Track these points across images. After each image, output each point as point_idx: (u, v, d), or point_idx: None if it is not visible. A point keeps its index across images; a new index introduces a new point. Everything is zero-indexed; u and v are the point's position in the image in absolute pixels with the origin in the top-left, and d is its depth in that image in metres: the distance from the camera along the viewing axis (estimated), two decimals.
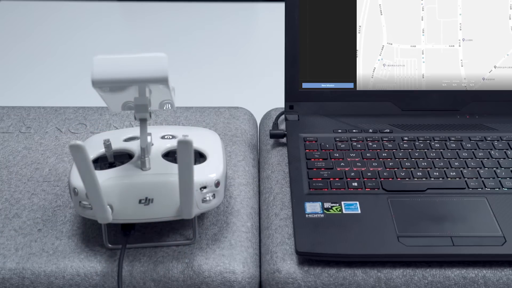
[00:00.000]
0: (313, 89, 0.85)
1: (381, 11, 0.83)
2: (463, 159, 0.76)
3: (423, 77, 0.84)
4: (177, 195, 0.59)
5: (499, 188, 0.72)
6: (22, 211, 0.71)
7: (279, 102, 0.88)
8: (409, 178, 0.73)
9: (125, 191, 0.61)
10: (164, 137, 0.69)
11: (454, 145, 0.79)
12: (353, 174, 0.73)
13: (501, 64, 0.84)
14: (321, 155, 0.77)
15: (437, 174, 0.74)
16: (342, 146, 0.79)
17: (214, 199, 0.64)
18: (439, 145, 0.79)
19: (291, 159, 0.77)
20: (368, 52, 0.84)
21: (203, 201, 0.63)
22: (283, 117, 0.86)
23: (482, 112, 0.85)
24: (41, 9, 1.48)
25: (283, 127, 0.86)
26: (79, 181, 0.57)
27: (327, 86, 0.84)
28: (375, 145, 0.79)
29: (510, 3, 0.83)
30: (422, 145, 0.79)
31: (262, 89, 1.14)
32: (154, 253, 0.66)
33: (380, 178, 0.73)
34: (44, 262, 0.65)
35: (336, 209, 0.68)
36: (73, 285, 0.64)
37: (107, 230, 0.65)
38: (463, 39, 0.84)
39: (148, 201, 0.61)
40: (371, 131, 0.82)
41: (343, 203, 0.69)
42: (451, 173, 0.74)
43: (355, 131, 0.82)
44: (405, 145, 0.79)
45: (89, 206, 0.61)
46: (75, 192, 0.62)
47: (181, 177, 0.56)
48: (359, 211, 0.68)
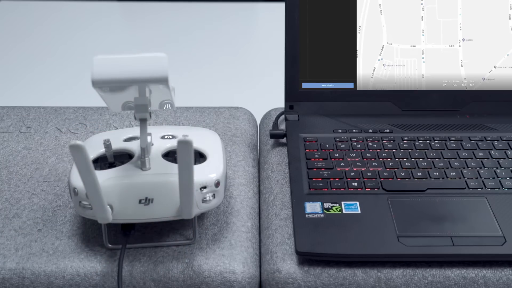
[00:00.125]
0: (313, 89, 0.84)
1: (381, 11, 0.83)
2: (463, 159, 0.76)
3: (423, 77, 0.84)
4: (177, 195, 0.59)
5: (499, 188, 0.72)
6: (22, 211, 0.71)
7: (279, 102, 0.88)
8: (409, 178, 0.73)
9: (125, 191, 0.61)
10: (164, 137, 0.69)
11: (454, 145, 0.79)
12: (353, 174, 0.73)
13: (501, 64, 0.84)
14: (321, 155, 0.77)
15: (437, 174, 0.73)
16: (342, 146, 0.79)
17: (214, 199, 0.64)
18: (439, 145, 0.79)
19: (291, 159, 0.77)
20: (368, 52, 0.84)
21: (203, 201, 0.63)
22: (283, 117, 0.86)
23: (482, 112, 0.85)
24: (41, 9, 1.48)
25: (283, 127, 0.86)
26: (79, 181, 0.57)
27: (327, 86, 0.84)
28: (375, 145, 0.79)
29: (510, 3, 0.83)
30: (422, 145, 0.79)
31: (262, 89, 1.14)
32: (154, 253, 0.66)
33: (380, 178, 0.73)
34: (44, 262, 0.65)
35: (336, 209, 0.68)
36: (73, 285, 0.64)
37: (107, 230, 0.65)
38: (463, 39, 0.84)
39: (148, 201, 0.61)
40: (371, 131, 0.82)
41: (343, 203, 0.69)
42: (451, 173, 0.74)
43: (355, 131, 0.82)
44: (405, 145, 0.79)
45: (89, 206, 0.61)
46: (75, 192, 0.62)
47: (181, 177, 0.56)
48: (359, 211, 0.68)
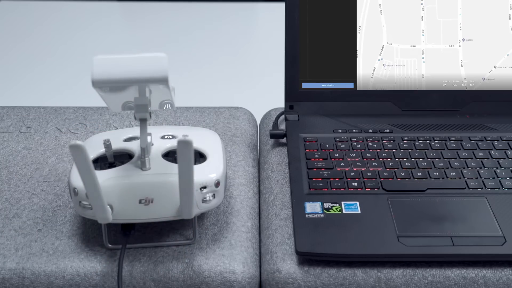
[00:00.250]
0: (313, 89, 0.84)
1: (381, 11, 0.83)
2: (463, 159, 0.76)
3: (423, 77, 0.84)
4: (177, 195, 0.59)
5: (499, 188, 0.72)
6: (22, 211, 0.71)
7: (279, 102, 0.88)
8: (409, 178, 0.73)
9: (125, 191, 0.61)
10: (164, 137, 0.69)
11: (454, 145, 0.79)
12: (353, 174, 0.73)
13: (501, 64, 0.84)
14: (321, 155, 0.77)
15: (437, 174, 0.73)
16: (342, 146, 0.79)
17: (214, 199, 0.64)
18: (439, 145, 0.79)
19: (291, 159, 0.77)
20: (368, 52, 0.84)
21: (203, 201, 0.63)
22: (283, 117, 0.86)
23: (482, 112, 0.85)
24: (41, 9, 1.48)
25: (283, 127, 0.86)
26: (79, 181, 0.57)
27: (327, 86, 0.84)
28: (375, 145, 0.79)
29: (510, 3, 0.83)
30: (422, 145, 0.79)
31: (262, 89, 1.14)
32: (154, 253, 0.66)
33: (380, 178, 0.73)
34: (44, 262, 0.65)
35: (336, 209, 0.68)
36: (73, 285, 0.64)
37: (107, 230, 0.65)
38: (463, 39, 0.84)
39: (148, 201, 0.61)
40: (371, 131, 0.82)
41: (343, 203, 0.69)
42: (451, 173, 0.74)
43: (355, 131, 0.82)
44: (405, 145, 0.79)
45: (89, 206, 0.61)
46: (75, 192, 0.62)
47: (181, 177, 0.56)
48: (359, 211, 0.68)
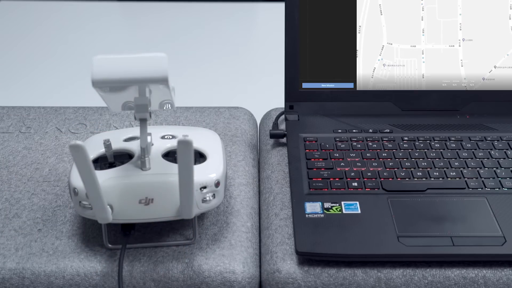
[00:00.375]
0: (313, 89, 0.84)
1: (381, 11, 0.83)
2: (463, 159, 0.76)
3: (423, 77, 0.84)
4: (177, 195, 0.59)
5: (499, 188, 0.72)
6: (22, 211, 0.71)
7: (279, 102, 0.88)
8: (409, 178, 0.73)
9: (125, 191, 0.61)
10: (164, 137, 0.69)
11: (454, 145, 0.79)
12: (353, 174, 0.73)
13: (501, 64, 0.84)
14: (321, 155, 0.77)
15: (437, 174, 0.73)
16: (342, 146, 0.79)
17: (214, 199, 0.64)
18: (439, 145, 0.79)
19: (291, 159, 0.77)
20: (368, 52, 0.84)
21: (203, 201, 0.63)
22: (283, 117, 0.86)
23: (482, 112, 0.85)
24: (41, 9, 1.48)
25: (283, 127, 0.86)
26: (79, 181, 0.57)
27: (327, 86, 0.84)
28: (375, 145, 0.79)
29: (510, 3, 0.83)
30: (422, 145, 0.79)
31: (262, 89, 1.14)
32: (154, 253, 0.66)
33: (380, 178, 0.73)
34: (44, 262, 0.65)
35: (336, 209, 0.68)
36: (73, 285, 0.64)
37: (107, 230, 0.65)
38: (463, 39, 0.84)
39: (148, 201, 0.61)
40: (371, 131, 0.82)
41: (343, 203, 0.69)
42: (451, 173, 0.74)
43: (355, 131, 0.82)
44: (405, 145, 0.79)
45: (89, 206, 0.61)
46: (75, 192, 0.62)
47: (181, 177, 0.56)
48: (359, 211, 0.68)
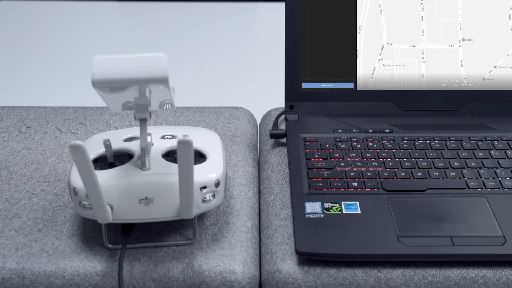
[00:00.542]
0: (313, 89, 0.84)
1: (381, 11, 0.83)
2: (463, 159, 0.76)
3: (423, 77, 0.84)
4: (177, 195, 0.59)
5: (499, 188, 0.72)
6: (22, 211, 0.71)
7: (279, 102, 0.88)
8: (409, 178, 0.73)
9: (125, 191, 0.61)
10: (164, 137, 0.69)
11: (454, 145, 0.79)
12: (353, 174, 0.73)
13: (501, 64, 0.84)
14: (321, 155, 0.77)
15: (437, 174, 0.73)
16: (342, 146, 0.79)
17: (214, 199, 0.64)
18: (439, 145, 0.79)
19: (291, 159, 0.77)
20: (368, 52, 0.84)
21: (203, 201, 0.63)
22: (283, 117, 0.86)
23: (482, 112, 0.85)
24: (41, 9, 1.48)
25: (283, 127, 0.86)
26: (79, 181, 0.57)
27: (327, 86, 0.84)
28: (375, 145, 0.79)
29: (510, 3, 0.83)
30: (422, 145, 0.79)
31: (262, 89, 1.14)
32: (154, 253, 0.66)
33: (380, 178, 0.73)
34: (44, 262, 0.65)
35: (336, 209, 0.68)
36: (73, 285, 0.64)
37: (107, 230, 0.65)
38: (463, 39, 0.84)
39: (148, 201, 0.61)
40: (371, 131, 0.82)
41: (343, 203, 0.69)
42: (451, 173, 0.74)
43: (355, 131, 0.82)
44: (405, 145, 0.79)
45: (89, 206, 0.61)
46: (75, 192, 0.62)
47: (181, 177, 0.56)
48: (359, 211, 0.68)
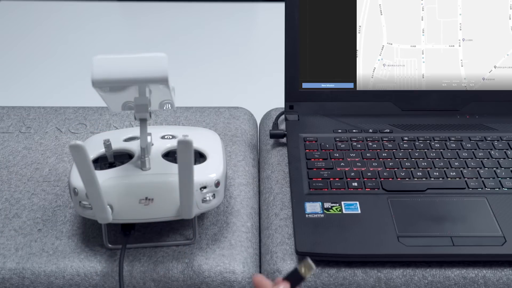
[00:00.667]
0: (313, 89, 0.84)
1: (381, 11, 0.83)
2: (463, 159, 0.76)
3: (423, 77, 0.84)
4: (177, 195, 0.59)
5: (499, 188, 0.72)
6: (22, 211, 0.71)
7: (279, 102, 0.88)
8: (409, 178, 0.73)
9: (125, 191, 0.61)
10: (164, 137, 0.69)
11: (454, 145, 0.79)
12: (353, 174, 0.73)
13: (501, 64, 0.84)
14: (321, 155, 0.77)
15: (437, 174, 0.73)
16: (342, 146, 0.79)
17: (214, 199, 0.64)
18: (439, 145, 0.79)
19: (291, 159, 0.77)
20: (368, 52, 0.84)
21: (203, 201, 0.63)
22: (283, 117, 0.86)
23: (482, 112, 0.85)
24: (41, 9, 1.48)
25: (283, 127, 0.86)
26: (79, 181, 0.57)
27: (327, 86, 0.84)
28: (375, 145, 0.79)
29: (510, 3, 0.83)
30: (422, 145, 0.79)
31: (262, 89, 1.14)
32: (154, 253, 0.66)
33: (380, 178, 0.73)
34: (44, 262, 0.65)
35: (336, 209, 0.68)
36: (73, 285, 0.64)
37: (107, 230, 0.65)
38: (463, 39, 0.84)
39: (148, 201, 0.61)
40: (371, 131, 0.82)
41: (343, 203, 0.69)
42: (451, 173, 0.74)
43: (355, 131, 0.82)
44: (405, 145, 0.79)
45: (89, 206, 0.61)
46: (75, 192, 0.62)
47: (181, 177, 0.56)
48: (359, 211, 0.68)
